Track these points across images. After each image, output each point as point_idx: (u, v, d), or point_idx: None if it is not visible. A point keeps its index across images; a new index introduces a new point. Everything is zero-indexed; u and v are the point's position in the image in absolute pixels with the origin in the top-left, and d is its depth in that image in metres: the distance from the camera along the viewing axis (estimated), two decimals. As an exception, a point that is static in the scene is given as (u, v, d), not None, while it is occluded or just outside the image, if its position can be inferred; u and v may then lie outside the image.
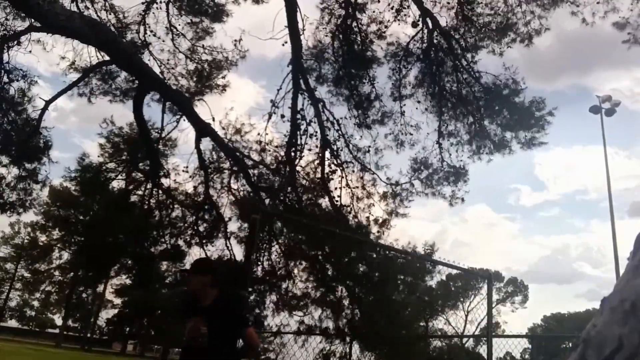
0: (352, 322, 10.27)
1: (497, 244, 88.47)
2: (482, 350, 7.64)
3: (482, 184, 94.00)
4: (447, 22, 10.44)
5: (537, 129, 10.37)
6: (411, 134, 11.07)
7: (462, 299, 53.34)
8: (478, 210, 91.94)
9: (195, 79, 12.05)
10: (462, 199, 10.98)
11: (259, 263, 9.77)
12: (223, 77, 12.17)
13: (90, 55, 10.84)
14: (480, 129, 10.77)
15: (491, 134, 10.77)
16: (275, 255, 10.54)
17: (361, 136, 11.04)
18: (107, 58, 10.28)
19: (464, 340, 24.75)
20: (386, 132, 11.21)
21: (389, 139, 11.20)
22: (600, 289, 73.59)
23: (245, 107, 60.49)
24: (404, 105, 11.08)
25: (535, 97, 10.44)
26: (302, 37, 10.29)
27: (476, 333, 37.60)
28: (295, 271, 10.62)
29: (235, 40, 11.62)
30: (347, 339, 9.96)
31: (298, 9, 10.05)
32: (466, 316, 52.16)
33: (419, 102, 11.04)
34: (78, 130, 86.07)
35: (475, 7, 10.30)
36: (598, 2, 9.16)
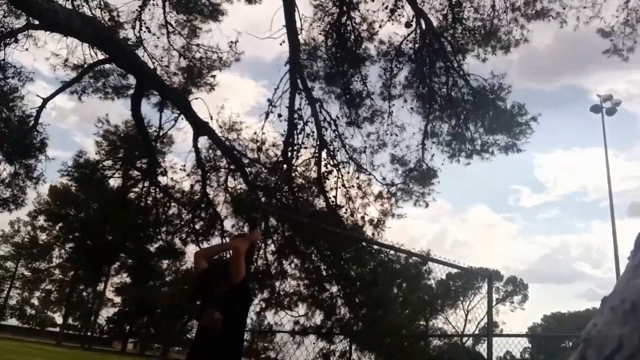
0: (349, 321, 10.25)
1: (497, 243, 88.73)
2: (482, 349, 7.60)
3: (482, 185, 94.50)
4: (439, 22, 10.45)
5: (520, 134, 10.42)
6: (396, 135, 11.08)
7: (461, 298, 53.40)
8: (478, 210, 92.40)
9: (185, 75, 12.03)
10: (427, 204, 11.08)
11: (255, 261, 9.75)
12: (213, 77, 12.17)
13: (84, 53, 10.81)
14: (464, 131, 10.79)
15: (473, 137, 10.80)
16: (271, 254, 10.53)
17: (352, 135, 11.05)
18: (102, 56, 10.24)
19: (464, 339, 24.77)
20: (372, 132, 11.24)
21: (372, 139, 11.22)
22: (600, 288, 73.82)
23: (246, 106, 60.69)
24: (393, 105, 11.09)
25: (516, 102, 10.55)
26: (299, 36, 10.29)
27: (476, 332, 37.60)
28: (290, 270, 10.60)
29: (231, 42, 11.62)
30: (346, 338, 9.94)
31: (296, 9, 10.03)
32: (466, 315, 52.26)
33: (412, 100, 11.05)
34: (79, 128, 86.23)
35: (463, 10, 10.29)
36: (585, 7, 9.12)
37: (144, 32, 11.10)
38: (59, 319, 57.55)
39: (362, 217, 10.76)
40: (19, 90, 10.02)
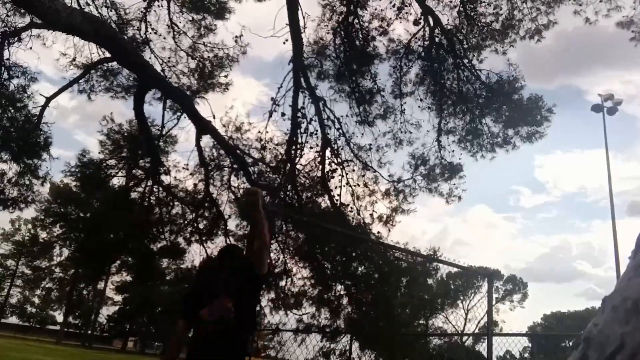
0: (351, 320, 10.28)
1: (497, 243, 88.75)
2: (482, 348, 7.63)
3: (482, 185, 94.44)
4: (448, 20, 10.47)
5: (538, 124, 10.41)
6: (411, 132, 11.10)
7: (461, 297, 53.41)
8: (478, 210, 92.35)
9: (196, 76, 12.04)
10: (459, 197, 11.00)
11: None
12: (225, 76, 12.17)
13: (91, 52, 10.85)
14: (481, 126, 10.80)
15: (492, 131, 10.80)
16: (275, 253, 10.55)
17: (362, 134, 11.07)
18: (108, 55, 10.26)
19: (464, 338, 24.80)
20: (385, 131, 11.23)
21: (387, 137, 11.23)
22: (600, 287, 73.82)
23: (248, 105, 60.42)
24: (405, 103, 11.11)
25: (533, 94, 10.52)
26: (303, 35, 10.30)
27: (476, 331, 37.63)
28: (294, 269, 10.63)
29: (236, 37, 11.63)
30: (347, 337, 9.98)
31: (299, 7, 10.05)
32: (466, 314, 52.30)
33: (421, 99, 11.06)
34: (81, 127, 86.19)
35: (477, 7, 10.29)
36: (601, 1, 9.13)
37: (150, 33, 11.14)
38: (59, 317, 57.55)
39: (371, 215, 10.78)
40: (26, 90, 10.06)
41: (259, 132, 10.92)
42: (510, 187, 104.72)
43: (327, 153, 10.80)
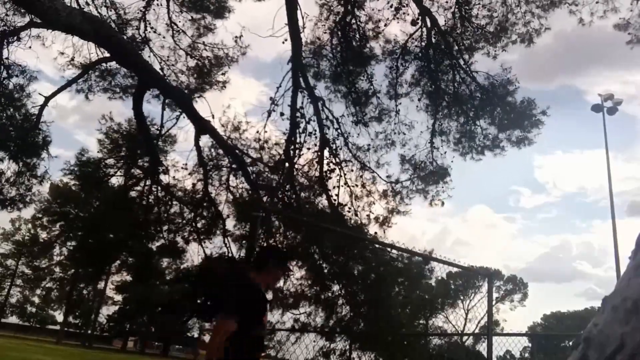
0: (349, 320, 10.27)
1: (497, 243, 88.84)
2: (482, 348, 7.62)
3: (482, 185, 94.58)
4: (445, 21, 10.46)
5: (530, 128, 10.39)
6: (404, 134, 11.08)
7: (462, 297, 53.46)
8: (478, 210, 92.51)
9: (195, 75, 12.03)
10: (443, 202, 11.01)
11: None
12: (223, 74, 12.16)
13: (90, 51, 10.83)
14: (474, 127, 10.79)
15: (484, 133, 10.79)
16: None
17: (358, 134, 11.06)
18: (107, 54, 10.25)
19: (464, 338, 24.78)
20: (379, 131, 11.23)
21: (381, 138, 11.23)
22: (599, 287, 73.93)
23: (248, 105, 60.46)
24: (400, 103, 11.10)
25: (526, 97, 10.53)
26: (302, 34, 10.29)
27: (476, 331, 37.62)
28: (292, 269, 10.61)
29: (236, 37, 11.62)
30: (347, 336, 9.96)
31: (298, 7, 10.04)
32: (466, 314, 52.34)
33: (419, 99, 11.05)
34: (81, 127, 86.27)
35: (471, 8, 10.28)
36: (597, 2, 9.11)
37: (149, 32, 11.13)
38: (59, 317, 57.59)
39: (368, 216, 10.78)
40: (24, 89, 10.05)
41: (258, 132, 10.93)
42: (511, 188, 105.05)
43: (326, 153, 10.81)
